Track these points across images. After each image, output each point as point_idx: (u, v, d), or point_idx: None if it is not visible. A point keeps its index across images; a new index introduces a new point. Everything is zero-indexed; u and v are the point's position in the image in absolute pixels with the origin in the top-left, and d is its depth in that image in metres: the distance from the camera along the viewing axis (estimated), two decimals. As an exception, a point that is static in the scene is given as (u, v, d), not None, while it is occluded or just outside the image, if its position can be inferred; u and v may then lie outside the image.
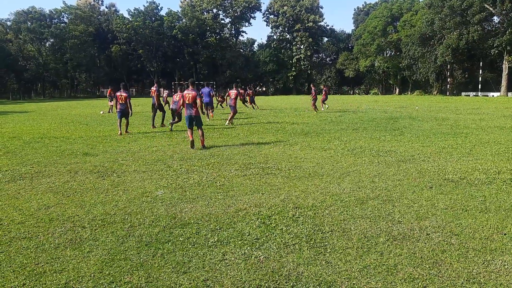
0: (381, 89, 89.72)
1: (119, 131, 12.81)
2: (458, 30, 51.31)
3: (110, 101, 25.38)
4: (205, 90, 18.62)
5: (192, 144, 9.86)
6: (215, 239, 3.94)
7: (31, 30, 75.62)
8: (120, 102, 12.98)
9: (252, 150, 9.46)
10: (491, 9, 48.10)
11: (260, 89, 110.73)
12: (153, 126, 14.92)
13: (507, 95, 50.42)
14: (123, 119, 13.11)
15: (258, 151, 9.32)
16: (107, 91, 27.55)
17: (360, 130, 13.15)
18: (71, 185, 6.19)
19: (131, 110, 13.09)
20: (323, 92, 24.58)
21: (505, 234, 4.04)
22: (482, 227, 4.25)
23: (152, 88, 16.42)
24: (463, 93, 61.34)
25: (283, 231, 4.17)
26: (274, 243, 3.84)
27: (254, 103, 26.65)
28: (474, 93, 58.46)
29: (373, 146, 9.91)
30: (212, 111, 19.14)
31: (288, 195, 5.55)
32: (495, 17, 52.94)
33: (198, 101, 10.12)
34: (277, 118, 19.09)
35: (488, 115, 18.98)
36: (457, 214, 4.69)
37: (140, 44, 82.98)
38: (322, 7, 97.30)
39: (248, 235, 4.05)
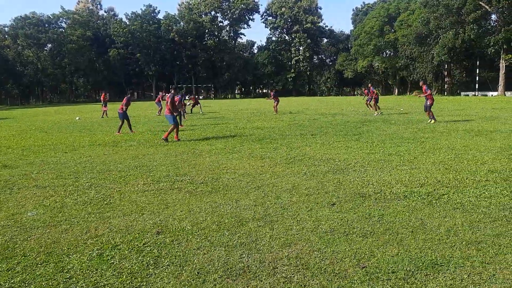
0: (381, 89, 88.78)
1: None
2: (454, 29, 50.39)
3: (104, 106, 25.14)
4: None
5: None
6: (18, 280, 3.38)
7: (28, 35, 75.75)
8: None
9: (186, 160, 8.93)
10: (486, 7, 47.18)
11: (260, 91, 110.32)
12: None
13: (505, 95, 49.42)
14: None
15: (192, 161, 8.78)
16: (102, 95, 26.69)
17: (319, 135, 12.55)
18: None
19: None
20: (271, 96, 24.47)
21: (364, 267, 3.45)
22: (347, 257, 3.66)
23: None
24: (462, 93, 60.32)
25: (111, 266, 3.62)
26: (82, 286, 3.28)
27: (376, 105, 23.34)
28: (473, 93, 57.46)
29: (317, 153, 9.32)
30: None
31: (168, 216, 5.00)
32: (492, 16, 52.03)
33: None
34: (249, 122, 18.55)
35: (468, 116, 18.30)
36: (334, 239, 4.12)
37: (138, 48, 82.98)
38: (320, 8, 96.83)
39: (63, 273, 3.49)
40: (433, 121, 15.83)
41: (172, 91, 12.86)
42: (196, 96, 27.20)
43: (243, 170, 7.66)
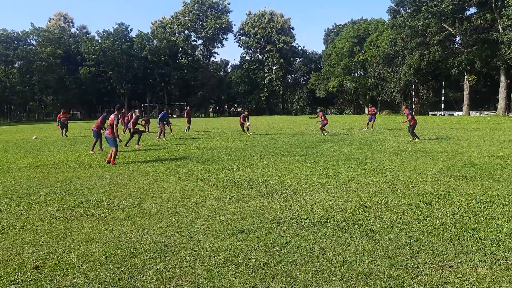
0: (353, 109, 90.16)
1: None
2: (420, 51, 51.80)
3: (58, 125, 24.65)
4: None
5: None
6: None
7: (-5, 52, 74.00)
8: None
9: (118, 183, 8.56)
10: (450, 29, 48.76)
11: (234, 110, 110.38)
12: None
13: (469, 114, 50.79)
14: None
15: (123, 184, 8.42)
16: (59, 114, 25.50)
17: (267, 156, 12.36)
18: None
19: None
20: (241, 116, 24.44)
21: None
22: (223, 294, 3.41)
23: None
24: (430, 113, 61.78)
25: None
26: None
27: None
28: (441, 113, 58.91)
29: (256, 175, 9.10)
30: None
31: (61, 247, 4.64)
32: (457, 38, 53.72)
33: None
34: (206, 141, 18.26)
35: (424, 136, 18.50)
36: (222, 271, 3.85)
37: (110, 66, 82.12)
38: (293, 29, 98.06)
39: None
40: (417, 139, 16.80)
41: (115, 111, 11.78)
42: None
43: (170, 194, 7.36)
